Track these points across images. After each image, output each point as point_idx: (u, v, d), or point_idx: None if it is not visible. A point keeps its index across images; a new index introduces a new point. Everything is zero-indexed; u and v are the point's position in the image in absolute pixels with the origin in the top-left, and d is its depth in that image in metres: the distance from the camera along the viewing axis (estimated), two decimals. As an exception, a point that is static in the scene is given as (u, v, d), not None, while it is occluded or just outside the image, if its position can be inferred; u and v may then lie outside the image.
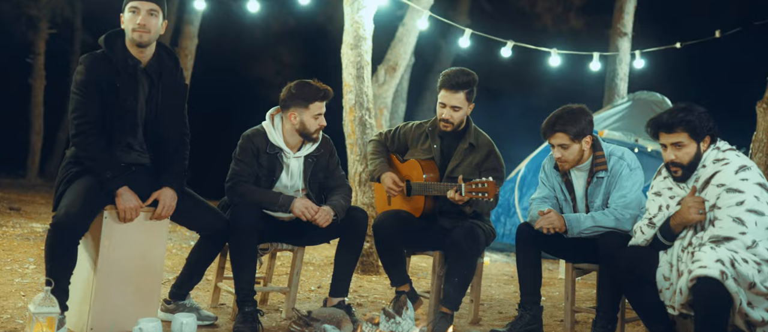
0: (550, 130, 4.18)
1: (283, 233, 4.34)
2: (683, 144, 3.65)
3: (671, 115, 3.67)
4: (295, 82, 4.29)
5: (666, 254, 3.74)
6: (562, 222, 4.14)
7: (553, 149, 4.23)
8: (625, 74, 10.87)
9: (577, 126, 4.13)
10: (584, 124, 4.16)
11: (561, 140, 4.16)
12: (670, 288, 3.69)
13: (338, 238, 4.40)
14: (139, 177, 3.86)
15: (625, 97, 10.80)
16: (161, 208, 3.81)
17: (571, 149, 4.18)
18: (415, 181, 4.52)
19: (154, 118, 3.87)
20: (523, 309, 4.35)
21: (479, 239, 4.33)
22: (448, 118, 4.48)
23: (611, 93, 10.86)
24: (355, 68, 6.61)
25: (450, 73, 4.52)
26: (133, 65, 3.82)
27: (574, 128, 4.13)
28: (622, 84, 10.85)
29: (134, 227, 3.82)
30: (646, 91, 9.17)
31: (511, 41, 8.20)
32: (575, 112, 4.17)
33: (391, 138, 4.81)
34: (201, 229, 4.06)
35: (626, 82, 10.87)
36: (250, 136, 4.27)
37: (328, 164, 4.43)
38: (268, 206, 4.17)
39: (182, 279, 4.19)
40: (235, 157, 4.26)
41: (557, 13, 15.09)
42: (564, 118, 4.14)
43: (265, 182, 4.26)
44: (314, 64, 14.28)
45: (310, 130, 4.23)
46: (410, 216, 4.52)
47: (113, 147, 3.80)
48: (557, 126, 4.15)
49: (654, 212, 3.83)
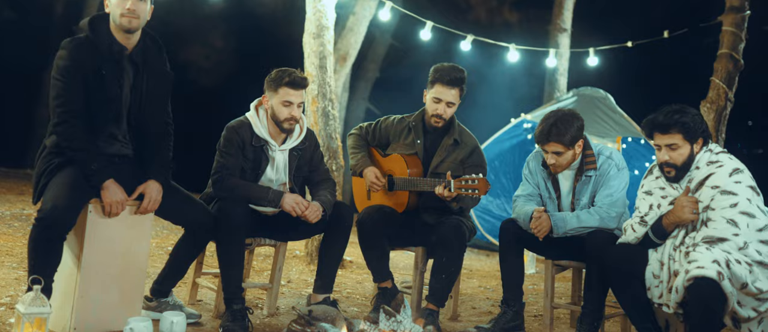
0: (544, 139, 4.19)
1: (266, 227, 4.23)
2: (677, 145, 3.73)
3: (666, 117, 3.74)
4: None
5: (656, 252, 3.82)
6: (549, 224, 4.17)
7: (547, 155, 4.24)
8: (565, 70, 11.08)
9: (570, 133, 4.16)
10: (577, 130, 4.19)
11: (555, 148, 4.18)
12: (659, 286, 3.77)
13: (321, 233, 4.32)
14: (122, 169, 3.69)
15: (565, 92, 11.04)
16: (147, 202, 3.66)
17: (565, 155, 4.21)
18: (399, 176, 4.48)
19: (138, 107, 3.71)
20: (506, 306, 4.37)
21: (466, 235, 4.33)
22: (442, 113, 4.45)
23: (551, 88, 11.06)
24: (317, 58, 6.50)
25: (444, 68, 4.47)
26: (118, 51, 3.64)
27: (568, 136, 4.15)
28: (562, 79, 11.05)
29: (118, 222, 3.65)
30: (589, 87, 9.35)
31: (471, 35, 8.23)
32: (568, 118, 4.19)
33: (371, 132, 4.75)
34: (187, 224, 3.91)
35: (566, 78, 11.08)
36: (235, 128, 4.14)
37: (312, 158, 4.34)
38: (257, 201, 4.06)
39: (164, 275, 4.04)
40: (220, 149, 4.12)
41: (491, 6, 15.26)
42: (558, 127, 4.14)
43: (250, 175, 4.15)
44: (257, 51, 13.91)
45: (279, 117, 4.10)
46: (393, 212, 4.48)
47: (96, 137, 3.62)
48: (552, 135, 4.16)
49: (645, 210, 3.90)
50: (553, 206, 4.39)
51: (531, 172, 4.48)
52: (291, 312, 4.46)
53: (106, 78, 3.59)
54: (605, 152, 4.32)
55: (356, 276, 6.06)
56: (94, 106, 3.59)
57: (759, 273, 3.50)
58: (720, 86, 7.54)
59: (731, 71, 7.55)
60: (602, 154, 4.31)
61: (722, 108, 7.51)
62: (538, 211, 4.22)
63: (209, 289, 4.38)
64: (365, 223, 4.36)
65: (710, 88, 7.60)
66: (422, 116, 4.60)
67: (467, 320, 4.75)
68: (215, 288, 4.26)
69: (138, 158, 3.77)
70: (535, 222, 4.18)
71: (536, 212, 4.21)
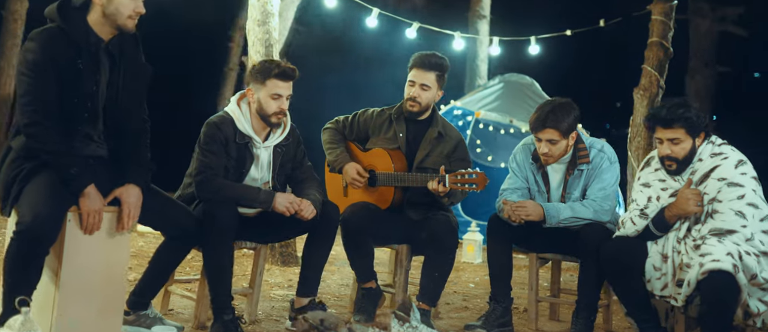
0: (541, 125, 4.09)
1: (246, 229, 3.93)
2: (680, 140, 3.72)
3: (670, 111, 3.71)
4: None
5: (656, 244, 3.81)
6: (540, 212, 4.08)
7: (540, 144, 4.14)
8: (485, 56, 11.14)
9: (567, 121, 4.08)
10: (573, 119, 4.11)
11: (551, 136, 4.09)
12: (662, 278, 3.76)
13: (304, 234, 4.07)
14: (98, 172, 3.32)
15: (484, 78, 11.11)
16: (127, 211, 3.30)
17: (559, 145, 4.12)
18: (382, 171, 4.29)
19: (114, 104, 3.35)
20: (495, 302, 4.27)
21: (457, 232, 4.19)
22: (416, 96, 4.28)
23: (472, 74, 11.10)
24: (263, 46, 6.17)
25: (422, 54, 4.36)
26: (95, 43, 3.27)
27: (565, 123, 4.07)
28: (482, 66, 11.11)
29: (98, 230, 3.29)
30: (515, 74, 9.39)
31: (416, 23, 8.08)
32: (565, 106, 4.11)
33: (349, 125, 4.52)
34: (169, 229, 3.58)
35: (486, 64, 11.14)
36: (216, 124, 3.84)
37: (295, 154, 4.08)
38: (247, 202, 3.77)
39: (143, 285, 3.69)
40: (201, 147, 3.80)
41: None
42: (556, 113, 4.06)
43: (233, 174, 3.85)
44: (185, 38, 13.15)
45: (268, 111, 3.84)
46: (377, 209, 4.29)
47: (71, 138, 3.25)
48: (549, 121, 4.07)
49: (643, 203, 3.88)
50: (542, 200, 4.31)
51: (518, 165, 4.38)
52: (270, 319, 4.20)
53: (83, 73, 3.22)
54: (597, 145, 4.27)
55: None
56: (68, 104, 3.21)
57: (765, 264, 3.53)
58: (652, 73, 7.66)
59: (662, 59, 7.72)
60: (594, 147, 4.25)
61: (655, 95, 7.67)
62: (506, 201, 4.12)
63: (184, 298, 4.06)
64: (350, 221, 4.14)
65: (642, 75, 7.73)
66: (403, 108, 4.42)
67: (447, 316, 4.63)
68: (193, 297, 3.95)
69: (114, 159, 3.41)
70: (513, 214, 4.07)
71: (505, 202, 4.11)
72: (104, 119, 3.35)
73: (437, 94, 4.35)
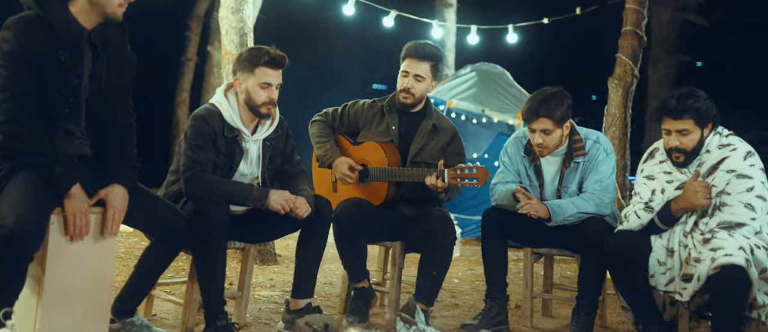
0: (533, 115, 3.96)
1: (236, 228, 3.71)
2: (688, 131, 3.62)
3: (679, 101, 3.60)
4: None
5: (661, 239, 3.71)
6: (545, 210, 3.96)
7: (533, 135, 4.01)
8: (452, 45, 11.00)
9: (560, 110, 3.96)
10: (567, 108, 3.99)
11: (544, 125, 3.96)
12: (667, 273, 3.66)
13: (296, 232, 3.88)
14: (81, 171, 3.08)
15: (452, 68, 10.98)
16: (112, 213, 3.07)
17: (553, 135, 4.00)
18: (375, 166, 4.11)
19: (97, 97, 3.11)
20: (491, 300, 4.14)
21: (453, 227, 4.04)
22: (410, 87, 4.12)
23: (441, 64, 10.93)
24: (237, 35, 5.96)
25: (416, 43, 4.20)
26: (77, 32, 3.03)
27: (559, 112, 3.95)
28: (449, 55, 10.98)
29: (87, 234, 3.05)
30: (486, 63, 9.27)
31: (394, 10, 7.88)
32: (558, 95, 3.99)
33: (338, 118, 4.33)
34: (157, 231, 3.36)
35: (454, 53, 11.01)
36: (203, 117, 3.61)
37: (284, 148, 3.88)
38: (239, 200, 3.56)
39: (129, 290, 3.46)
40: (188, 142, 3.58)
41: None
42: (548, 102, 3.94)
43: (222, 170, 3.64)
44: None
45: (256, 101, 3.63)
46: (370, 205, 4.11)
47: (53, 135, 3.00)
48: (542, 110, 3.94)
49: (647, 196, 3.78)
50: (536, 194, 4.19)
51: (510, 159, 4.24)
52: (260, 322, 4.00)
53: (65, 65, 2.98)
54: (592, 136, 4.16)
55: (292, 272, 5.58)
56: (49, 99, 2.97)
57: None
58: (626, 63, 7.66)
59: (636, 48, 7.69)
60: (589, 139, 4.14)
61: (629, 84, 7.65)
62: (522, 193, 3.99)
63: (168, 302, 3.83)
64: (343, 218, 3.96)
65: (616, 64, 7.71)
66: (395, 99, 4.25)
67: (439, 315, 4.48)
68: (179, 301, 3.73)
69: (98, 157, 3.17)
70: (526, 206, 3.95)
71: (519, 191, 3.99)
72: (87, 114, 3.11)
73: (431, 85, 4.20)
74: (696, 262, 3.53)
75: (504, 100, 9.00)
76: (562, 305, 4.82)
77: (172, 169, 3.73)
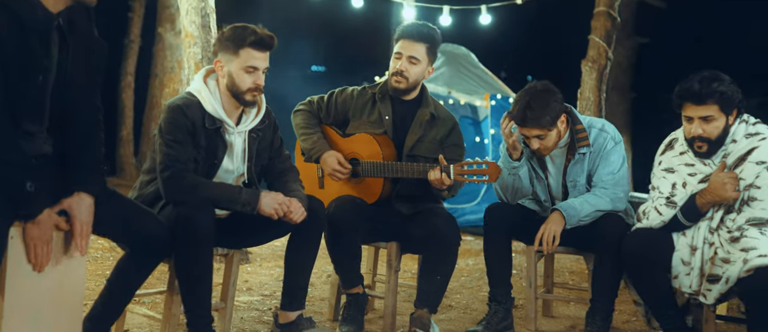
0: (521, 124, 3.61)
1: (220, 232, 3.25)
2: (713, 117, 3.32)
3: (702, 85, 3.30)
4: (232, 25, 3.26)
5: (685, 236, 3.43)
6: (560, 222, 3.63)
7: (529, 140, 3.67)
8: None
9: (549, 113, 3.59)
10: (556, 107, 3.63)
11: (536, 132, 3.62)
12: (690, 274, 3.38)
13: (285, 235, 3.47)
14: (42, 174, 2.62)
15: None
16: (80, 228, 2.61)
17: (549, 136, 3.66)
18: (368, 160, 3.72)
19: (63, 91, 2.65)
20: (496, 304, 3.81)
21: (457, 226, 3.68)
22: (403, 70, 3.73)
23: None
24: (198, 15, 5.45)
25: (410, 23, 3.84)
26: (44, 19, 2.55)
27: (547, 117, 3.58)
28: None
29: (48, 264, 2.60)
30: (450, 44, 8.94)
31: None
32: (541, 96, 3.59)
33: (324, 107, 3.92)
34: (134, 242, 2.92)
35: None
36: (180, 107, 3.17)
37: (272, 141, 3.47)
38: (225, 204, 3.14)
39: (101, 309, 3.00)
40: (164, 137, 3.13)
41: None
42: (533, 109, 3.56)
43: (202, 168, 3.21)
44: None
45: (241, 87, 3.20)
46: (364, 203, 3.73)
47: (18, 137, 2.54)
48: (529, 120, 3.58)
49: (667, 190, 3.48)
50: (542, 187, 3.87)
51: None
52: (244, 334, 3.60)
53: (31, 56, 2.51)
54: (596, 124, 3.83)
55: (267, 272, 5.19)
56: (13, 95, 2.50)
57: None
58: (600, 44, 7.41)
59: (609, 29, 7.45)
60: (594, 127, 3.81)
61: (603, 67, 7.41)
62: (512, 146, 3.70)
63: (143, 316, 3.39)
64: (337, 218, 3.57)
65: (589, 46, 7.46)
66: (387, 85, 3.86)
67: (436, 319, 4.11)
68: (157, 316, 3.29)
69: (60, 157, 2.71)
70: (541, 241, 3.65)
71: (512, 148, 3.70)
72: (51, 109, 2.64)
73: (427, 70, 3.82)
74: (724, 263, 3.25)
75: (470, 81, 8.71)
76: (563, 304, 4.52)
77: (146, 168, 3.28)
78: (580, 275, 5.36)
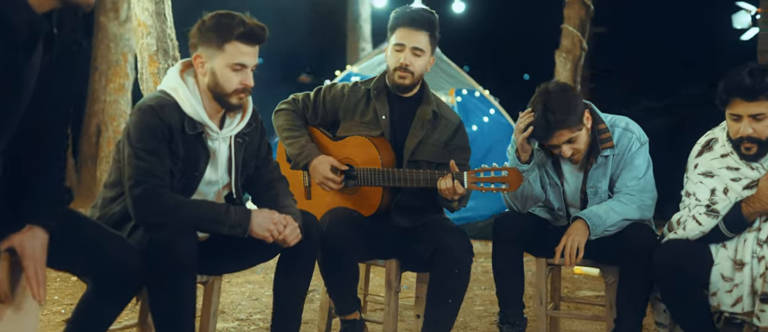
0: (548, 134, 3.17)
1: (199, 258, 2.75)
2: (765, 115, 2.95)
3: (754, 79, 2.92)
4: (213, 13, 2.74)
5: (726, 249, 3.06)
6: (584, 232, 3.21)
7: (558, 151, 3.24)
8: (368, 16, 10.17)
9: (574, 111, 3.15)
10: (578, 103, 3.21)
11: (566, 136, 3.19)
12: (733, 290, 3.02)
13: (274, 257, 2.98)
14: None
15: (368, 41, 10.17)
16: (33, 272, 2.06)
17: (579, 138, 3.22)
18: (364, 167, 3.25)
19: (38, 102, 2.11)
20: (508, 326, 3.38)
21: (469, 240, 3.24)
22: (408, 63, 3.25)
23: (355, 36, 10.09)
24: (152, 3, 4.87)
25: (407, 8, 3.32)
26: (32, 22, 2.01)
27: (574, 115, 3.15)
28: (365, 26, 10.14)
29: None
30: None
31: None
32: (562, 97, 3.14)
33: (311, 106, 3.42)
34: (99, 274, 2.38)
35: (370, 24, 10.18)
36: (154, 109, 2.64)
37: (259, 148, 2.96)
38: (209, 226, 2.63)
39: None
40: (132, 144, 2.59)
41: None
42: (556, 113, 3.10)
43: (180, 181, 2.69)
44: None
45: (226, 87, 2.70)
46: (360, 216, 3.26)
47: None
48: (554, 125, 3.14)
49: (706, 197, 3.10)
50: (556, 194, 3.44)
51: None
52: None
53: (19, 65, 1.98)
54: (620, 123, 3.41)
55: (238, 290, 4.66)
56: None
57: None
58: (574, 34, 7.11)
59: (583, 18, 7.15)
60: (617, 127, 3.39)
61: (578, 57, 7.11)
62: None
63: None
64: (332, 237, 3.08)
65: (562, 36, 7.16)
66: (384, 82, 3.39)
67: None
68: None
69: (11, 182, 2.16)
70: (565, 254, 3.22)
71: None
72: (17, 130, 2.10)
73: (430, 61, 3.35)
74: None
75: (435, 76, 8.29)
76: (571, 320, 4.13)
77: (110, 182, 2.74)
78: (577, 283, 5.00)
